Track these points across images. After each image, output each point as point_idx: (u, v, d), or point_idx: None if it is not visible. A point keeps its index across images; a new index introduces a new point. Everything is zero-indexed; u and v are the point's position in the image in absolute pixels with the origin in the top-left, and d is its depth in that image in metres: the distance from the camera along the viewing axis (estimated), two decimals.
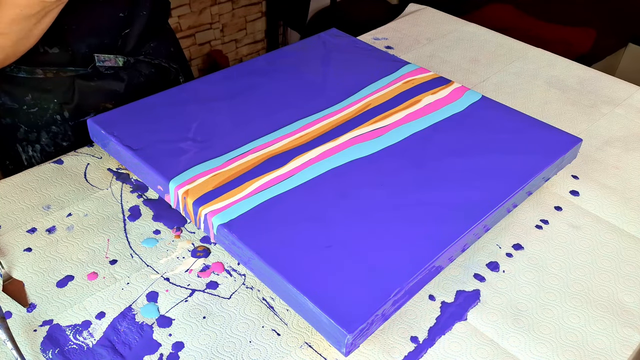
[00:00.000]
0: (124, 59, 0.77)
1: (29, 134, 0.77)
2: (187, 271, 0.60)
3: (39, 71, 0.73)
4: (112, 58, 0.75)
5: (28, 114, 0.75)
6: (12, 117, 0.76)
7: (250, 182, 0.61)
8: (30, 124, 0.76)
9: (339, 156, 0.66)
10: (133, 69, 0.80)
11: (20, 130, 0.77)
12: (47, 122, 0.77)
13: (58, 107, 0.76)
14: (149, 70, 0.81)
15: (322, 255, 0.54)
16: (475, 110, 0.74)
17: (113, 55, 0.76)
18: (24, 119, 0.76)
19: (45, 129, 0.77)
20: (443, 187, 0.62)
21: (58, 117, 0.76)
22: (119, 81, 0.78)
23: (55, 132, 0.78)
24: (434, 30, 1.08)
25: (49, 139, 0.78)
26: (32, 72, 0.73)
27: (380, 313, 0.50)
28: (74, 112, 0.77)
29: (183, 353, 0.52)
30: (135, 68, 0.80)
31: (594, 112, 0.87)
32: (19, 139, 0.78)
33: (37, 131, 0.77)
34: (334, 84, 0.79)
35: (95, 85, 0.77)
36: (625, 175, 0.75)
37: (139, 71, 0.80)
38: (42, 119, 0.76)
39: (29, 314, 0.55)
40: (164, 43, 0.85)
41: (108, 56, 0.75)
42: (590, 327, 0.56)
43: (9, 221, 0.65)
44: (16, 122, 0.76)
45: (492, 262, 0.62)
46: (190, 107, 0.73)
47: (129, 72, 0.79)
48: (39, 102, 0.75)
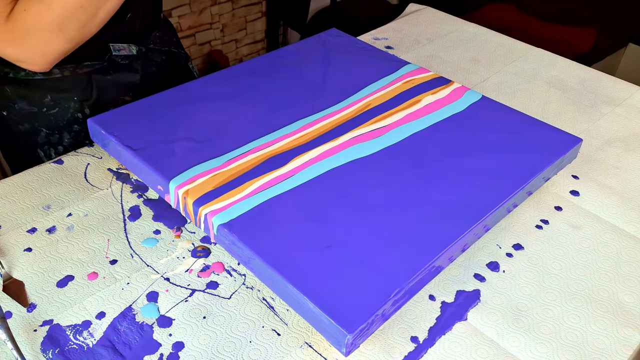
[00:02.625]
0: (136, 47, 0.78)
1: (50, 136, 0.77)
2: (187, 271, 0.60)
3: (55, 71, 0.73)
4: (126, 47, 0.76)
5: (48, 116, 0.75)
6: (32, 121, 0.75)
7: (250, 182, 0.61)
8: (51, 126, 0.76)
9: (339, 156, 0.66)
10: (145, 58, 0.81)
11: (41, 134, 0.76)
12: (68, 122, 0.76)
13: (78, 105, 0.76)
14: (160, 57, 0.83)
15: (322, 255, 0.54)
16: (475, 110, 0.74)
17: (126, 44, 0.76)
18: (44, 122, 0.75)
19: (67, 129, 0.77)
20: (443, 187, 0.62)
21: (79, 115, 0.76)
22: (134, 72, 0.79)
23: (78, 131, 0.78)
24: (434, 30, 1.08)
25: (71, 138, 0.78)
26: (49, 73, 0.73)
27: (380, 313, 0.50)
28: (94, 108, 0.77)
29: (183, 353, 0.52)
30: (147, 57, 0.81)
31: (594, 112, 0.87)
32: (40, 143, 0.77)
33: (59, 132, 0.77)
34: (334, 84, 0.79)
35: (112, 79, 0.77)
36: (625, 175, 0.75)
37: (150, 60, 0.82)
38: (64, 119, 0.76)
39: (29, 314, 0.55)
40: (167, 32, 0.87)
41: (122, 45, 0.76)
42: (590, 327, 0.56)
43: (9, 221, 0.65)
44: (36, 127, 0.76)
45: (492, 262, 0.62)
46: (190, 107, 0.73)
47: (142, 61, 0.80)
48: (59, 103, 0.75)
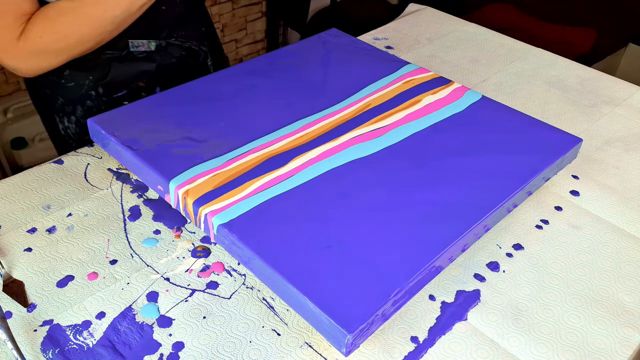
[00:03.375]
0: (156, 42, 0.82)
1: (65, 106, 0.82)
2: (187, 271, 0.60)
3: None
4: (145, 43, 0.81)
5: (66, 88, 0.81)
6: (52, 89, 0.81)
7: (251, 182, 0.61)
8: (67, 97, 0.81)
9: (339, 156, 0.66)
10: (165, 52, 0.84)
11: (58, 102, 0.82)
12: (82, 97, 0.81)
13: (93, 84, 0.81)
14: (180, 53, 0.86)
15: (322, 255, 0.54)
16: (476, 110, 0.74)
17: (146, 41, 0.81)
18: (62, 92, 0.81)
19: (81, 103, 0.82)
20: (443, 187, 0.62)
21: (93, 93, 0.81)
22: (151, 62, 0.83)
23: (90, 107, 0.82)
24: (434, 30, 1.08)
25: (83, 112, 0.83)
26: None
27: (381, 313, 0.50)
28: (107, 89, 0.82)
29: (183, 353, 0.52)
30: (167, 51, 0.84)
31: (594, 112, 0.87)
32: (57, 109, 0.83)
33: (72, 104, 0.82)
34: (334, 84, 0.79)
35: (128, 66, 0.82)
36: (625, 175, 0.75)
37: (170, 54, 0.85)
38: (78, 93, 0.81)
39: (29, 314, 0.55)
40: (197, 24, 0.89)
41: (142, 42, 0.80)
42: (590, 327, 0.56)
43: (9, 221, 0.65)
44: (55, 94, 0.82)
45: (492, 262, 0.62)
46: (190, 107, 0.73)
47: (161, 54, 0.84)
48: (75, 78, 0.80)
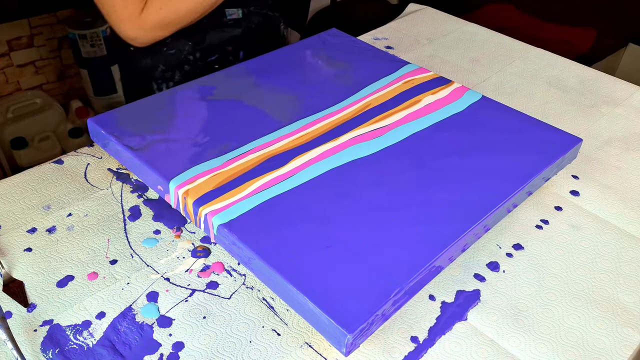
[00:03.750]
0: (242, 10, 0.94)
1: (165, 72, 0.90)
2: (187, 271, 0.60)
3: None
4: (236, 11, 0.93)
5: (167, 55, 0.89)
6: (153, 57, 0.89)
7: (251, 182, 0.61)
8: (167, 63, 0.90)
9: (339, 156, 0.66)
10: (247, 19, 0.95)
11: (158, 69, 0.90)
12: (181, 62, 0.90)
13: (191, 49, 0.89)
14: (258, 19, 0.97)
15: (322, 255, 0.54)
16: (476, 110, 0.74)
17: (236, 9, 0.93)
18: (162, 60, 0.89)
19: (179, 68, 0.90)
20: (443, 187, 0.62)
21: (191, 58, 0.90)
22: (238, 28, 0.94)
23: (187, 71, 0.91)
24: (434, 30, 1.08)
25: (181, 77, 0.91)
26: None
27: (380, 313, 0.50)
28: (203, 53, 0.91)
29: (183, 353, 0.52)
30: (249, 18, 0.95)
31: (594, 112, 0.87)
32: (156, 77, 0.91)
33: (172, 70, 0.90)
34: (334, 84, 0.79)
35: (220, 32, 0.92)
36: (625, 175, 0.75)
37: (251, 20, 0.95)
38: (178, 59, 0.90)
39: (29, 314, 0.55)
40: None
41: (234, 10, 0.92)
42: (590, 327, 0.56)
43: (9, 221, 0.65)
44: (156, 62, 0.89)
45: (492, 262, 0.62)
46: (190, 107, 0.73)
47: (245, 21, 0.95)
48: (176, 45, 0.89)
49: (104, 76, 1.87)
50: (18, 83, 1.82)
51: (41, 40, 1.81)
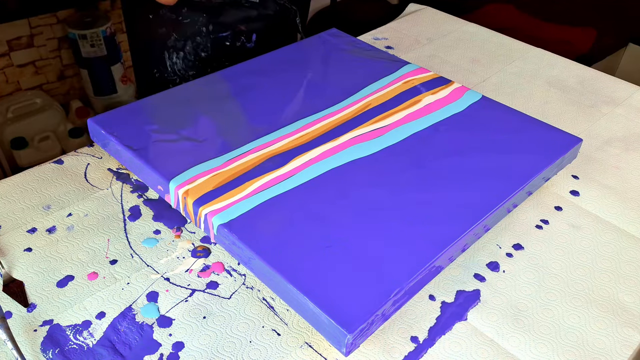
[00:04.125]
0: None
1: (177, 41, 0.92)
2: (187, 271, 0.60)
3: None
4: None
5: (180, 24, 0.90)
6: (168, 26, 0.91)
7: (251, 182, 0.61)
8: (181, 32, 0.91)
9: (339, 156, 0.66)
10: (264, 5, 0.94)
11: (171, 38, 0.91)
12: (193, 33, 0.91)
13: (205, 21, 0.90)
14: (275, 8, 0.96)
15: (322, 255, 0.54)
16: (476, 110, 0.74)
17: None
18: (177, 28, 0.91)
19: (192, 38, 0.91)
20: (443, 187, 0.62)
21: (203, 29, 0.91)
22: (254, 10, 0.93)
23: (198, 43, 0.92)
24: (434, 30, 1.08)
25: (192, 48, 0.92)
26: None
27: (380, 313, 0.50)
28: (216, 27, 0.91)
29: (183, 353, 0.52)
30: (266, 4, 0.94)
31: (594, 112, 0.87)
32: (168, 46, 0.92)
33: (184, 40, 0.91)
34: (334, 84, 0.79)
35: (236, 10, 0.92)
36: (625, 175, 0.75)
37: (268, 7, 0.95)
38: (191, 29, 0.90)
39: (29, 314, 0.55)
40: None
41: None
42: (590, 327, 0.56)
43: (9, 221, 0.65)
44: (170, 31, 0.91)
45: (492, 262, 0.62)
46: (190, 107, 0.73)
47: (262, 6, 0.94)
48: (191, 16, 0.89)
49: (104, 76, 1.87)
50: (18, 83, 1.82)
51: (41, 40, 1.81)
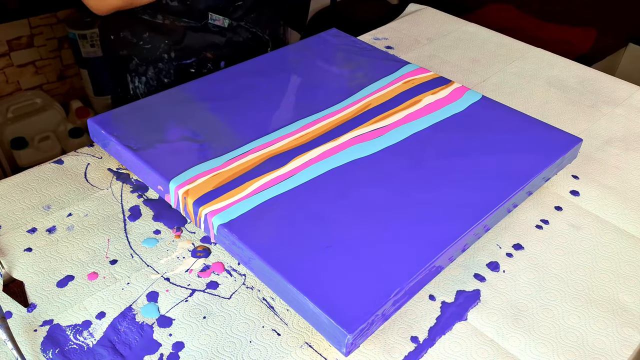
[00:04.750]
0: (229, 21, 0.90)
1: (139, 66, 0.90)
2: (187, 271, 0.60)
3: (159, 17, 0.86)
4: (221, 19, 0.89)
5: (142, 49, 0.89)
6: (129, 49, 0.89)
7: (251, 182, 0.61)
8: (143, 58, 0.89)
9: (339, 156, 0.66)
10: (234, 31, 0.92)
11: (133, 62, 0.90)
12: (155, 59, 0.89)
13: (167, 48, 0.88)
14: (246, 35, 0.93)
15: (322, 255, 0.54)
16: (476, 110, 0.74)
17: (222, 17, 0.89)
18: (138, 53, 0.89)
19: (154, 64, 0.90)
20: (443, 187, 0.62)
21: (165, 56, 0.89)
22: (222, 37, 0.91)
23: (161, 69, 0.90)
24: (434, 30, 1.08)
25: (154, 73, 0.90)
26: (154, 16, 0.87)
27: (381, 313, 0.50)
28: (179, 54, 0.89)
29: (183, 353, 0.52)
30: (236, 31, 0.92)
31: (594, 112, 0.87)
32: (130, 69, 0.91)
33: (146, 65, 0.90)
34: (334, 84, 0.79)
35: (200, 36, 0.89)
36: (625, 175, 0.75)
37: (238, 34, 0.92)
38: (153, 55, 0.89)
39: (29, 314, 0.55)
40: (267, 14, 0.95)
41: (219, 17, 0.88)
42: (590, 327, 0.56)
43: (9, 221, 0.65)
44: (131, 55, 0.90)
45: (492, 262, 0.62)
46: (190, 107, 0.73)
47: (231, 32, 0.91)
48: (152, 41, 0.88)
49: (104, 76, 1.87)
50: (18, 83, 1.82)
51: (41, 40, 1.81)
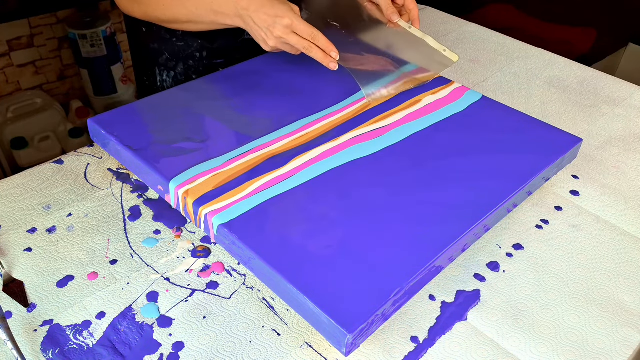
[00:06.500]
0: None
1: (169, 61, 0.90)
2: (187, 271, 0.60)
3: None
4: None
5: (175, 45, 0.89)
6: (160, 44, 0.89)
7: (251, 182, 0.61)
8: (174, 53, 0.89)
9: (339, 156, 0.66)
10: None
11: (163, 56, 0.90)
12: (187, 56, 0.89)
13: (200, 47, 0.88)
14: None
15: (322, 255, 0.54)
16: (476, 110, 0.74)
17: None
18: (169, 48, 0.89)
19: (184, 61, 0.90)
20: (443, 187, 0.62)
21: (197, 55, 0.89)
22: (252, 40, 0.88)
23: (190, 66, 0.90)
24: (434, 30, 1.08)
25: (183, 70, 0.91)
26: None
27: (381, 313, 0.50)
28: (210, 53, 0.89)
29: (183, 353, 0.52)
30: None
31: (594, 112, 0.87)
32: (160, 63, 0.91)
33: (176, 61, 0.90)
34: (334, 84, 0.79)
35: (233, 38, 0.89)
36: (625, 175, 0.75)
37: None
38: (184, 52, 0.89)
39: (29, 314, 0.55)
40: None
41: None
42: (590, 327, 0.56)
43: (9, 221, 0.65)
44: (162, 49, 0.90)
45: (492, 262, 0.62)
46: (190, 107, 0.73)
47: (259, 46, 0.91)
48: (186, 39, 0.88)
49: (104, 76, 1.87)
50: (18, 83, 1.82)
51: (41, 40, 1.81)
